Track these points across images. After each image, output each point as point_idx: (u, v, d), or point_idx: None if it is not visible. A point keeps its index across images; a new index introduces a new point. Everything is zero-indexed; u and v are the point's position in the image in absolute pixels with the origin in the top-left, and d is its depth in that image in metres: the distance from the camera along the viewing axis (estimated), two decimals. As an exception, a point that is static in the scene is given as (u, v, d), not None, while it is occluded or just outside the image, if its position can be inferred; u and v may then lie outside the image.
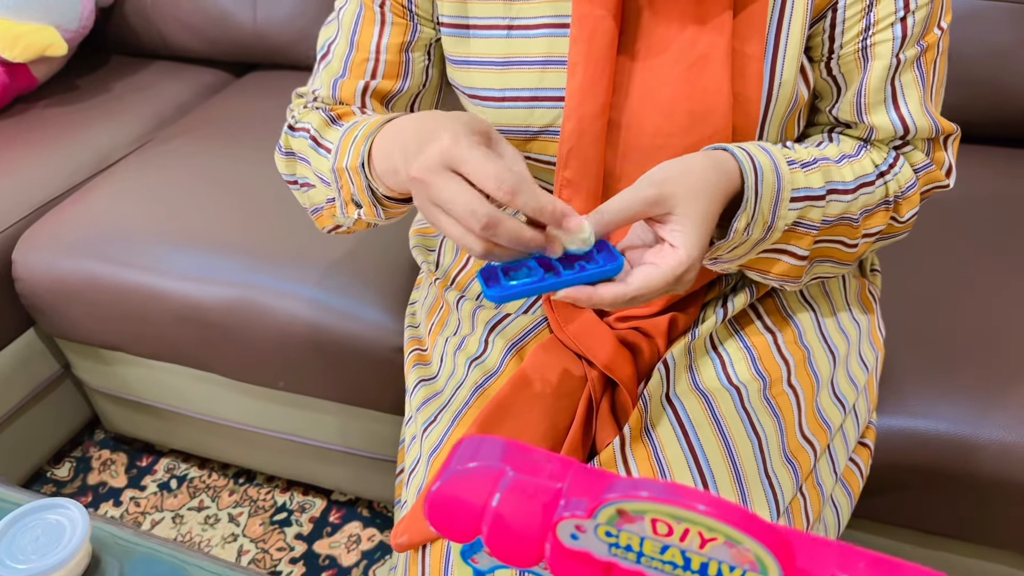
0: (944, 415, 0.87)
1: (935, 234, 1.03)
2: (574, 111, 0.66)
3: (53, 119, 1.43)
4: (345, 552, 1.27)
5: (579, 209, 0.69)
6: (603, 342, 0.72)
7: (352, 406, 1.13)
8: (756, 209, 0.60)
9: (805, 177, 0.64)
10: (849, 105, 0.69)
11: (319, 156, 0.71)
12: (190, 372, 1.23)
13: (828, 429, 0.72)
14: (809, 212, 0.64)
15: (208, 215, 1.20)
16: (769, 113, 0.67)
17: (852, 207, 0.67)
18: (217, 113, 1.47)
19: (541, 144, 0.70)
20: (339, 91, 0.75)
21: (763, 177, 0.60)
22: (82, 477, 1.42)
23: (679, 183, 0.56)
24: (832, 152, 0.69)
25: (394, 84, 0.75)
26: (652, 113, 0.66)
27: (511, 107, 0.69)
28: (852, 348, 0.78)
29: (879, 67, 0.66)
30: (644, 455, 0.67)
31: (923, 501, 0.91)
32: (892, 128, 0.69)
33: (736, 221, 0.60)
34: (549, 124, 0.69)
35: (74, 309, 1.21)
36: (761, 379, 0.71)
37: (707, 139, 0.65)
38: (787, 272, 0.67)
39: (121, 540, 0.72)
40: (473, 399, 0.72)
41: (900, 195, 0.69)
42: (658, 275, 0.55)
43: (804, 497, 0.69)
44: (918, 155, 0.71)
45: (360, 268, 1.10)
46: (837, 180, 0.66)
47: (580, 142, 0.66)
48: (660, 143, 0.67)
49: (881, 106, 0.68)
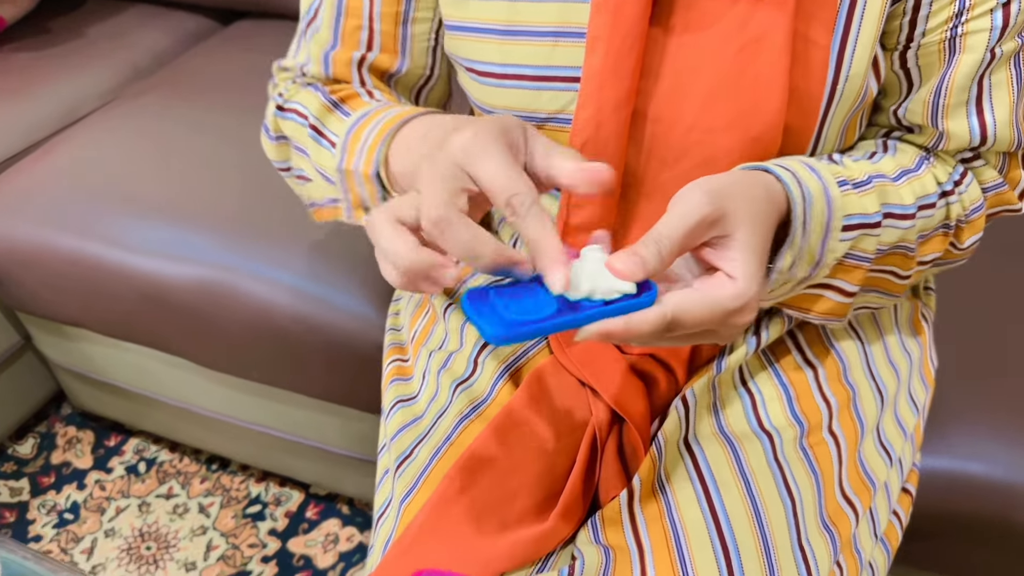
0: (993, 458, 0.76)
1: (997, 250, 0.91)
2: (592, 96, 0.54)
3: (17, 66, 1.31)
4: (321, 552, 1.18)
5: (592, 217, 0.58)
6: (612, 370, 0.61)
7: (329, 402, 1.03)
8: (804, 243, 0.50)
9: (859, 201, 0.53)
10: (922, 105, 0.57)
11: (320, 148, 0.61)
12: (158, 355, 1.12)
13: (872, 486, 0.62)
14: (862, 242, 0.53)
15: (181, 183, 1.08)
16: (831, 111, 0.55)
17: (909, 234, 0.56)
18: (199, 65, 1.34)
19: (549, 133, 0.58)
20: (332, 66, 0.64)
21: (812, 205, 0.49)
22: (45, 456, 1.32)
23: (739, 200, 0.44)
24: (888, 167, 0.57)
25: (393, 60, 0.64)
26: (688, 104, 0.54)
27: (513, 86, 0.57)
28: (902, 385, 0.67)
29: (968, 61, 0.54)
30: (656, 514, 0.57)
31: (963, 549, 0.81)
32: (968, 137, 0.57)
33: (780, 259, 0.49)
34: (559, 110, 0.57)
35: (31, 280, 1.10)
36: (798, 425, 0.60)
37: (753, 140, 0.54)
38: (831, 311, 0.57)
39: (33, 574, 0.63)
40: (456, 433, 0.61)
41: (963, 219, 0.58)
42: (706, 304, 0.43)
43: (841, 569, 0.59)
44: (989, 172, 0.60)
45: (345, 252, 0.98)
46: (895, 203, 0.55)
47: (598, 135, 0.55)
48: (695, 140, 0.55)
49: (962, 108, 0.56)
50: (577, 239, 0.59)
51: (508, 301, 0.42)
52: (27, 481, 1.29)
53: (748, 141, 0.54)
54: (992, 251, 0.88)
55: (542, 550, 0.55)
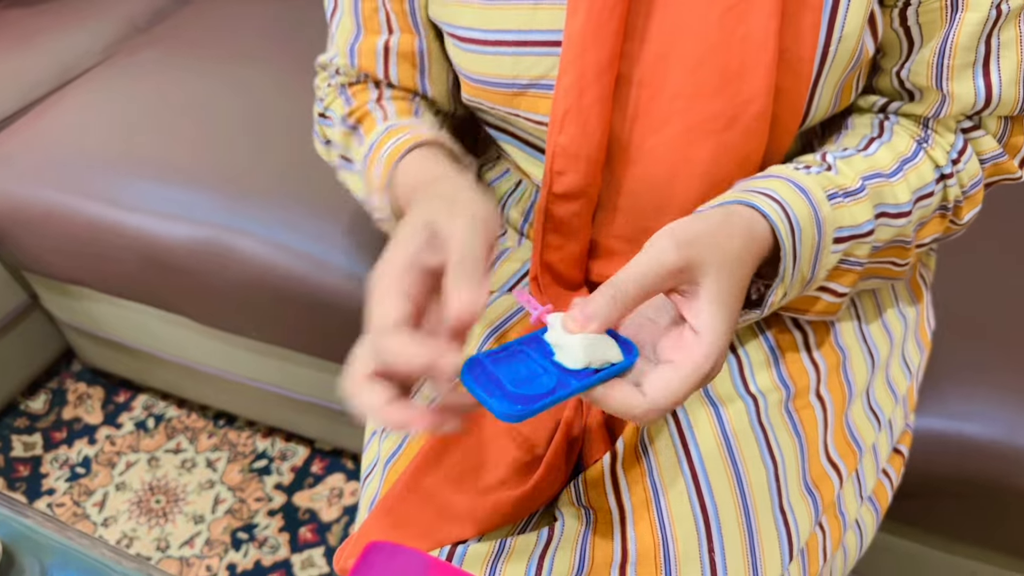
0: (990, 418, 0.75)
1: (998, 211, 0.89)
2: (573, 62, 0.52)
3: (11, 23, 1.30)
4: (326, 506, 1.20)
5: (576, 185, 0.57)
6: (599, 333, 0.61)
7: (327, 360, 1.04)
8: (795, 271, 0.49)
9: (850, 212, 0.52)
10: (925, 66, 0.55)
11: (352, 175, 0.66)
12: (160, 314, 1.13)
13: (858, 449, 0.61)
14: (855, 249, 0.53)
15: (179, 141, 1.07)
16: (823, 73, 0.53)
17: (906, 229, 0.55)
18: (196, 21, 1.32)
19: (531, 100, 0.57)
20: (358, 58, 0.65)
21: (801, 234, 0.48)
22: (57, 411, 1.35)
23: (708, 248, 0.43)
24: (884, 160, 0.55)
25: (412, 40, 0.63)
26: (673, 68, 0.53)
27: (494, 52, 0.56)
28: (895, 349, 0.66)
29: (972, 20, 0.52)
30: (637, 476, 0.57)
31: (958, 508, 0.81)
32: (972, 99, 0.54)
33: (771, 295, 0.49)
34: (541, 76, 0.56)
35: (32, 240, 1.11)
36: (784, 388, 0.60)
37: (741, 104, 0.52)
38: (825, 310, 0.57)
39: (41, 537, 0.64)
40: (441, 396, 0.61)
41: (961, 199, 0.57)
42: (678, 381, 0.42)
43: (823, 531, 0.59)
44: (989, 142, 0.57)
45: (341, 212, 0.98)
46: (889, 203, 0.54)
47: (580, 101, 0.53)
48: (681, 106, 0.53)
49: (968, 70, 0.54)
50: (562, 208, 0.58)
51: (506, 372, 0.42)
52: (40, 436, 1.32)
53: (735, 107, 0.52)
54: (994, 215, 0.86)
55: (524, 511, 0.56)
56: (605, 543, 0.53)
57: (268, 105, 1.11)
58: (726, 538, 0.52)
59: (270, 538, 1.17)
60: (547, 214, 0.58)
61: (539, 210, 0.58)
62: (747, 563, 0.52)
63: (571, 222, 0.58)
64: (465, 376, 0.42)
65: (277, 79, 1.15)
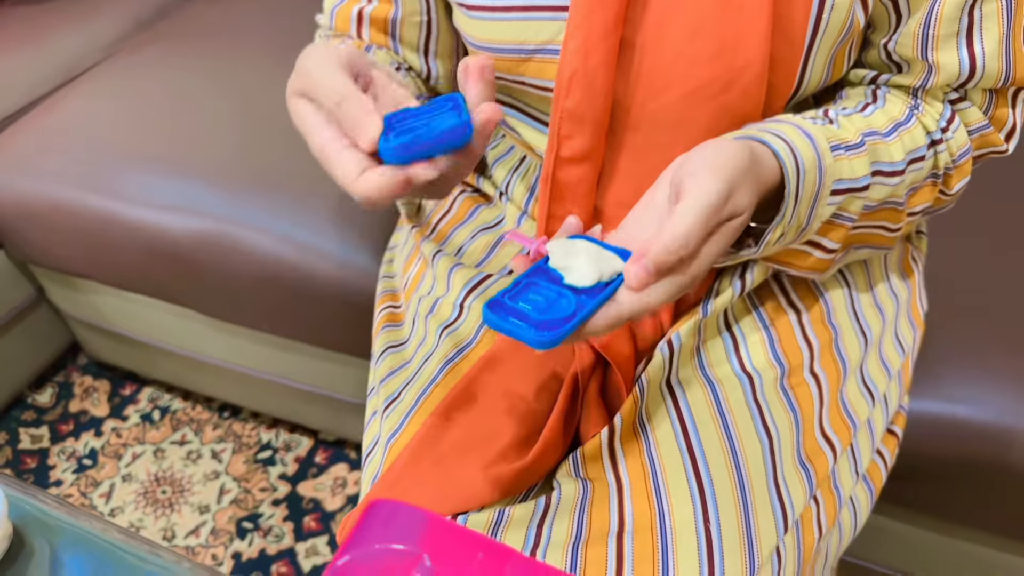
0: (984, 401, 0.76)
1: (989, 191, 0.90)
2: (580, 25, 0.54)
3: (18, 20, 1.31)
4: (330, 496, 1.22)
5: (581, 148, 0.58)
6: (599, 313, 0.62)
7: (331, 350, 1.05)
8: (793, 217, 0.51)
9: (850, 165, 0.53)
10: (911, 37, 0.56)
11: None
12: (165, 306, 1.15)
13: (852, 425, 0.62)
14: (849, 204, 0.54)
15: (184, 135, 1.09)
16: (816, 42, 0.54)
17: (899, 189, 0.56)
18: (200, 17, 1.33)
19: (537, 66, 0.58)
20: (335, 19, 0.69)
21: (804, 179, 0.50)
22: (63, 404, 1.37)
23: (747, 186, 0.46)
24: (880, 121, 0.57)
25: (389, 8, 0.66)
26: (674, 33, 0.54)
27: (502, 18, 0.58)
28: (888, 326, 0.67)
29: None
30: (635, 451, 0.58)
31: (951, 490, 0.82)
32: (957, 70, 0.56)
33: (769, 232, 0.50)
34: (547, 41, 0.57)
35: (39, 234, 1.12)
36: (779, 366, 0.61)
37: (738, 70, 0.54)
38: (813, 266, 0.58)
39: (51, 519, 0.66)
40: (441, 375, 0.63)
41: (951, 166, 0.58)
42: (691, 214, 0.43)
43: (818, 504, 0.60)
44: (975, 113, 0.59)
45: (341, 202, 0.99)
46: (884, 160, 0.55)
47: (585, 65, 0.54)
48: (680, 71, 0.55)
49: (952, 40, 0.55)
50: (569, 172, 0.59)
51: (527, 304, 0.44)
52: (47, 429, 1.33)
53: (734, 71, 0.54)
54: (984, 195, 0.87)
55: (522, 485, 0.57)
56: (602, 513, 0.54)
57: (273, 99, 1.12)
58: (721, 509, 0.54)
59: (275, 527, 1.18)
60: (553, 180, 0.59)
61: (544, 179, 0.60)
62: (742, 533, 0.53)
63: (577, 188, 0.59)
64: (490, 317, 0.43)
65: (282, 74, 1.15)
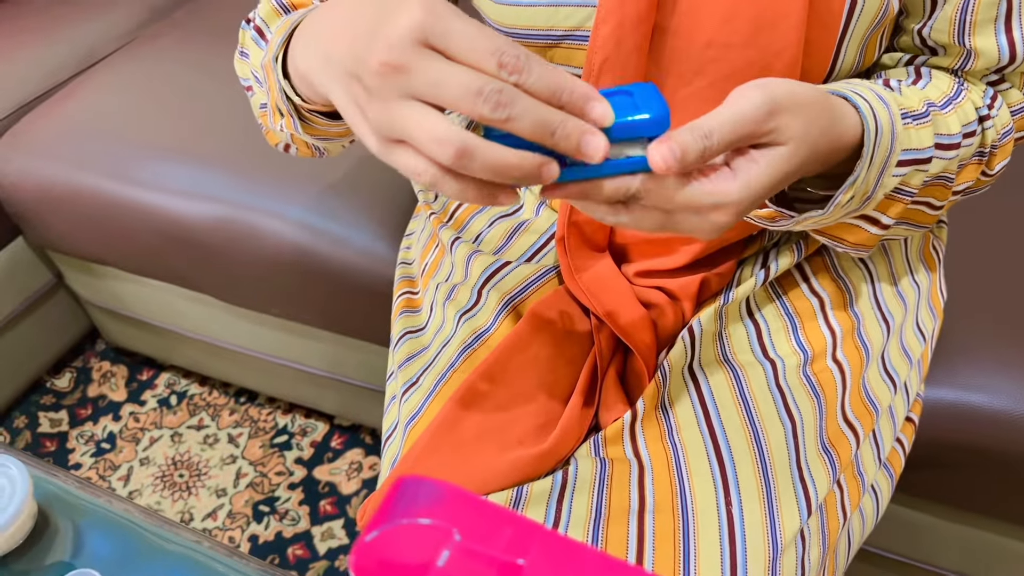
0: (997, 390, 0.76)
1: (1008, 184, 0.89)
2: (613, 11, 0.53)
3: (36, 10, 1.32)
4: (345, 480, 1.22)
5: None
6: (621, 300, 0.62)
7: (347, 336, 1.05)
8: (864, 179, 0.49)
9: (918, 135, 0.52)
10: (948, 23, 0.55)
11: (258, 50, 0.60)
12: (183, 292, 1.15)
13: (875, 411, 0.62)
14: (911, 178, 0.53)
15: (198, 122, 1.09)
16: (851, 27, 0.53)
17: (952, 164, 0.55)
18: (219, 5, 1.33)
19: (565, 52, 0.58)
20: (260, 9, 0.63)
21: (881, 139, 0.49)
22: (82, 389, 1.38)
23: (797, 119, 0.43)
24: (935, 93, 0.56)
25: None
26: (708, 17, 0.53)
27: (530, 3, 0.56)
28: (909, 314, 0.67)
29: None
30: (656, 435, 0.58)
31: (965, 479, 0.82)
32: (996, 55, 0.55)
33: (840, 193, 0.49)
34: (577, 26, 0.56)
35: (57, 220, 1.13)
36: (802, 352, 0.61)
37: (773, 55, 0.53)
38: (863, 241, 0.57)
39: (74, 499, 0.66)
40: (459, 361, 0.63)
41: (996, 144, 0.57)
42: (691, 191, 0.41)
43: (842, 489, 0.59)
44: (1015, 94, 0.58)
45: (359, 189, 0.99)
46: (943, 133, 0.54)
47: (618, 51, 0.54)
48: (713, 55, 0.54)
49: (990, 25, 0.54)
50: None
51: None
52: (66, 413, 1.35)
53: (766, 57, 0.53)
54: (1007, 186, 0.86)
55: (541, 468, 0.57)
56: (622, 492, 0.54)
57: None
58: (743, 492, 0.53)
59: (291, 511, 1.19)
60: None
61: None
62: (764, 516, 0.53)
63: None
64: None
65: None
